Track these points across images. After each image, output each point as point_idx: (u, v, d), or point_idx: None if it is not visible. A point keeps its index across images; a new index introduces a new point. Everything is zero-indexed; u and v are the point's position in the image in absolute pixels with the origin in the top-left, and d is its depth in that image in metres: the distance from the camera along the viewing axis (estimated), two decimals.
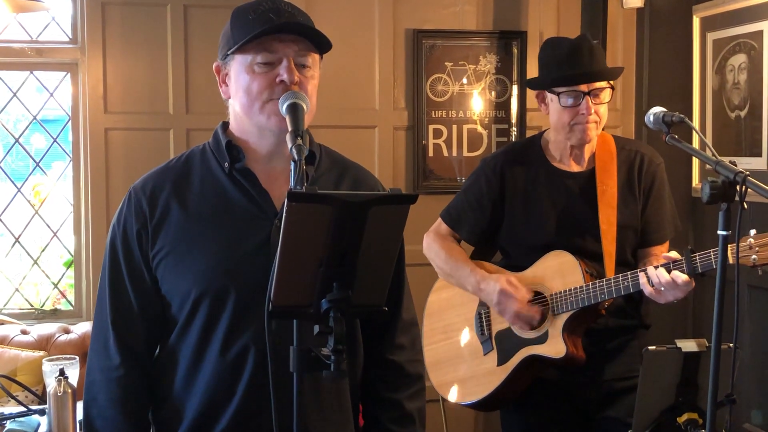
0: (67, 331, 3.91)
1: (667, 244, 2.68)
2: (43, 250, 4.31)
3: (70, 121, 4.19)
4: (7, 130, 4.29)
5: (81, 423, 2.16)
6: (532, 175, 2.68)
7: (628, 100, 4.25)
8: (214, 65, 1.85)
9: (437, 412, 3.23)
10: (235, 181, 1.81)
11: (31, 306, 4.28)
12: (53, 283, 4.32)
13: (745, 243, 2.24)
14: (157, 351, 1.89)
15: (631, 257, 2.64)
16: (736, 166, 1.76)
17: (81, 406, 1.95)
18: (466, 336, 2.82)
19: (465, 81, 4.11)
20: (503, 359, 2.69)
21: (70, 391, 2.36)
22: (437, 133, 4.11)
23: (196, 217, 1.80)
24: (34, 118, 4.27)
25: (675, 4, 4.18)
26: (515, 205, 2.69)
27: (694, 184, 4.10)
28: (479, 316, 2.78)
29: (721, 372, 1.76)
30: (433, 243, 2.82)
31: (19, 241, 4.26)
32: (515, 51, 4.13)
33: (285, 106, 1.68)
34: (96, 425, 1.84)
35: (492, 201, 2.72)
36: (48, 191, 4.35)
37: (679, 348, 2.09)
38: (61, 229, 4.28)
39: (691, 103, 4.06)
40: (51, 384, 2.38)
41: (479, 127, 4.14)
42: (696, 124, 3.98)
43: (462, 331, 2.83)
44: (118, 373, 1.82)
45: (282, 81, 1.72)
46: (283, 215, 1.39)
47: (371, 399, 1.94)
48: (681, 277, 2.34)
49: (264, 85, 1.74)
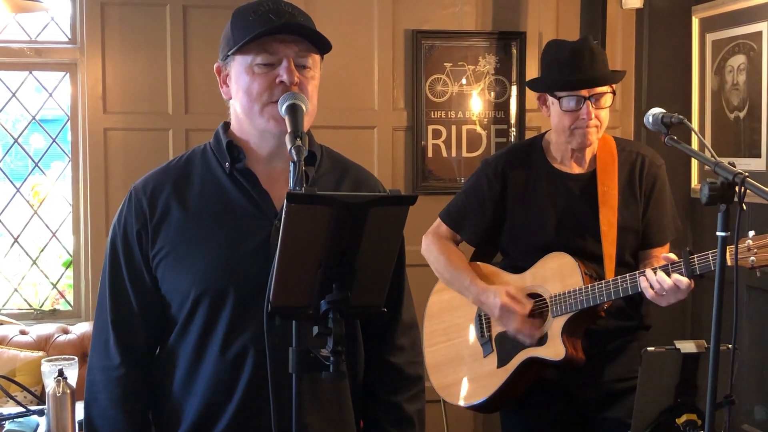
0: (66, 332, 3.90)
1: (668, 245, 2.68)
2: (42, 251, 4.30)
3: (69, 122, 4.19)
4: (6, 130, 4.29)
5: (80, 423, 2.16)
6: (533, 177, 2.68)
7: (627, 101, 4.24)
8: (215, 66, 1.85)
9: (438, 413, 3.22)
10: (236, 181, 1.81)
11: (30, 306, 4.27)
12: (52, 283, 4.32)
13: (744, 245, 2.23)
14: (158, 351, 1.89)
15: (631, 259, 2.64)
16: (734, 167, 1.77)
17: (80, 407, 1.95)
18: (467, 338, 2.81)
19: (464, 81, 4.11)
20: (503, 361, 2.69)
21: (69, 391, 2.36)
22: (436, 134, 4.11)
23: (197, 217, 1.80)
24: (33, 118, 4.26)
25: (674, 4, 4.18)
26: (516, 206, 2.69)
27: (692, 185, 4.10)
28: (479, 318, 2.77)
29: (720, 373, 1.76)
30: (432, 246, 2.82)
31: (18, 241, 4.25)
32: (514, 51, 4.13)
33: (284, 107, 1.68)
34: (97, 425, 1.84)
35: (493, 202, 2.71)
36: (47, 191, 4.34)
37: (678, 349, 2.09)
38: (60, 229, 4.28)
39: (690, 104, 4.06)
40: (50, 384, 2.38)
41: (478, 128, 4.14)
42: (695, 125, 3.97)
43: (462, 333, 2.83)
44: (118, 373, 1.82)
45: (282, 82, 1.72)
46: (283, 216, 1.39)
47: (371, 401, 1.94)
48: (683, 281, 2.34)
49: (264, 86, 1.74)
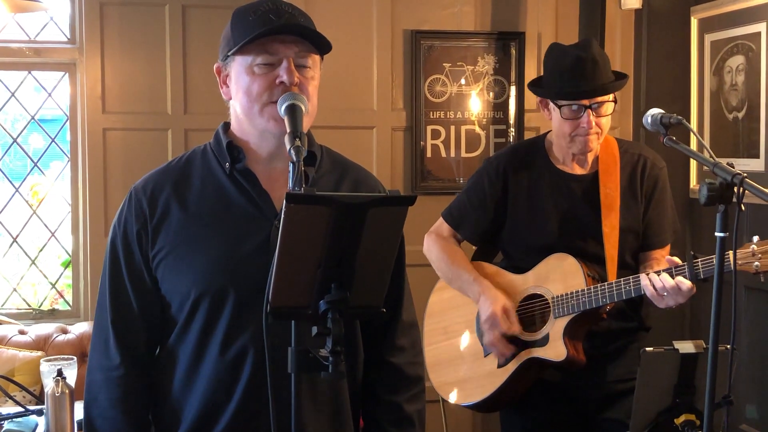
0: (64, 332, 3.90)
1: (668, 247, 2.67)
2: (40, 250, 4.30)
3: (68, 121, 4.19)
4: (5, 130, 4.29)
5: (79, 423, 2.16)
6: (535, 177, 2.68)
7: (625, 102, 4.24)
8: (215, 66, 1.85)
9: (437, 413, 3.23)
10: (236, 181, 1.81)
11: (29, 306, 4.27)
12: (51, 283, 4.32)
13: (748, 250, 2.23)
14: (157, 351, 1.89)
15: (631, 260, 2.63)
16: (733, 167, 1.77)
17: (79, 407, 1.95)
18: (467, 337, 2.81)
19: (463, 82, 4.11)
20: (504, 361, 2.69)
21: (67, 391, 2.36)
22: (435, 134, 4.11)
23: (196, 218, 1.80)
24: (32, 118, 4.26)
25: (673, 5, 4.18)
26: (518, 206, 2.68)
27: (691, 186, 4.11)
28: (480, 318, 2.77)
29: (718, 373, 1.76)
30: (434, 245, 2.82)
31: (16, 241, 4.25)
32: (513, 52, 4.13)
33: (283, 108, 1.68)
34: (96, 425, 1.84)
35: (495, 202, 2.71)
36: (46, 191, 4.34)
37: (677, 349, 2.09)
38: (59, 229, 4.28)
39: (688, 105, 4.07)
40: (49, 384, 2.38)
41: (477, 128, 4.14)
42: (693, 125, 3.98)
43: (463, 333, 2.82)
44: (118, 373, 1.82)
45: (282, 82, 1.72)
46: (282, 216, 1.39)
47: (371, 401, 1.94)
48: (685, 283, 2.33)
49: (264, 87, 1.74)
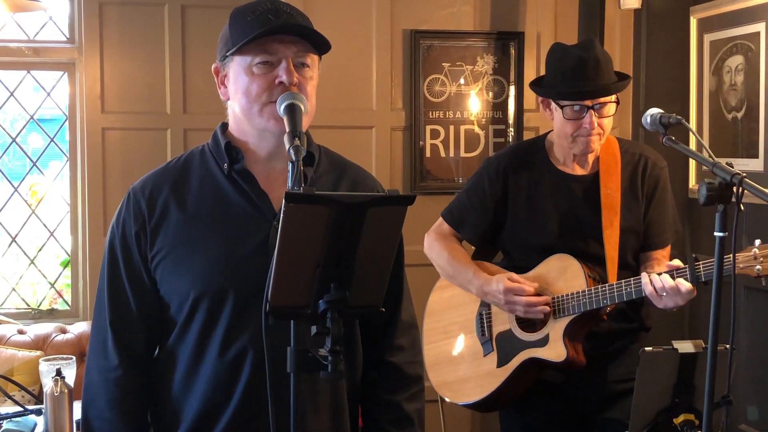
0: (63, 331, 3.90)
1: (668, 248, 2.67)
2: (39, 250, 4.30)
3: (67, 121, 4.19)
4: (4, 129, 4.28)
5: (78, 423, 2.15)
6: (535, 178, 2.67)
7: (625, 101, 4.23)
8: (213, 67, 1.84)
9: (435, 412, 3.23)
10: (234, 182, 1.81)
11: (28, 306, 4.27)
12: (50, 282, 4.32)
13: (750, 253, 2.23)
14: (156, 352, 1.89)
15: (632, 261, 2.63)
16: (732, 167, 1.77)
17: (78, 406, 1.94)
18: (467, 336, 2.81)
19: (462, 81, 4.11)
20: (503, 361, 2.68)
21: (66, 391, 2.36)
22: (434, 134, 4.11)
23: (195, 219, 1.79)
24: (32, 117, 4.26)
25: (672, 5, 4.18)
26: (518, 206, 2.68)
27: (690, 186, 4.11)
28: (480, 317, 2.77)
29: (718, 373, 1.76)
30: (435, 243, 2.81)
31: (15, 241, 4.25)
32: (513, 52, 4.13)
33: (282, 107, 1.68)
34: (94, 426, 1.84)
35: (495, 202, 2.70)
36: (45, 191, 4.34)
37: (676, 349, 2.09)
38: (58, 229, 4.28)
39: (688, 105, 4.07)
40: (48, 384, 2.38)
41: (476, 128, 4.14)
42: (693, 125, 3.98)
43: (462, 332, 2.82)
44: (116, 374, 1.82)
45: (281, 82, 1.72)
46: (281, 216, 1.39)
47: (370, 400, 1.94)
48: (685, 285, 2.33)
49: (263, 87, 1.73)
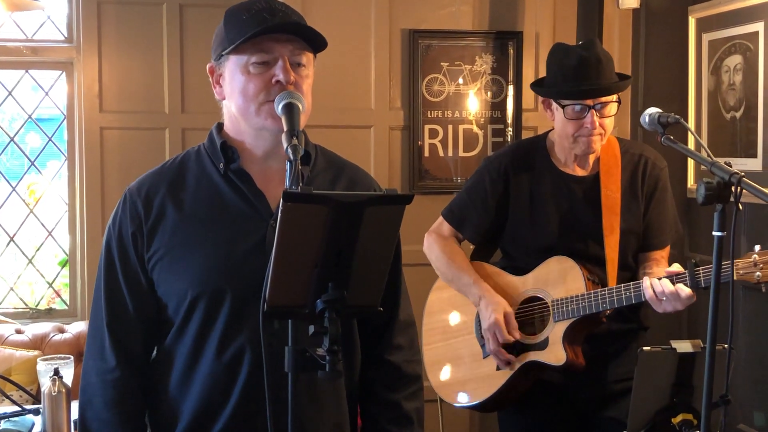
0: (61, 331, 3.90)
1: (668, 248, 2.66)
2: (37, 250, 4.30)
3: (66, 120, 4.18)
4: (2, 129, 4.28)
5: (75, 423, 2.15)
6: (536, 178, 2.67)
7: (623, 101, 4.23)
8: (208, 66, 1.84)
9: (434, 412, 3.22)
10: (231, 182, 1.81)
11: (26, 305, 4.27)
12: (48, 282, 4.31)
13: (750, 259, 2.23)
14: (154, 353, 1.89)
15: (632, 261, 2.63)
16: (731, 167, 1.77)
17: (76, 406, 1.94)
18: (466, 338, 2.79)
19: (461, 81, 4.11)
20: (504, 366, 2.67)
21: (64, 390, 2.36)
22: (433, 133, 4.11)
23: (192, 219, 1.79)
24: (30, 117, 4.26)
25: (671, 4, 4.18)
26: (519, 206, 2.67)
27: (689, 185, 4.10)
28: (479, 319, 2.76)
29: (716, 373, 1.76)
30: (435, 244, 2.80)
31: (13, 241, 4.25)
32: (511, 51, 4.13)
33: (280, 106, 1.67)
34: (92, 428, 1.83)
35: (495, 201, 2.70)
36: (43, 190, 4.34)
37: (674, 349, 2.09)
38: (56, 229, 4.28)
39: (686, 104, 4.06)
40: (45, 383, 2.37)
41: (475, 128, 4.14)
42: (691, 125, 3.98)
43: (462, 333, 2.81)
44: (113, 376, 1.81)
45: (278, 81, 1.72)
46: (278, 215, 1.39)
47: (369, 399, 1.94)
48: (685, 290, 2.33)
49: (260, 86, 1.73)
